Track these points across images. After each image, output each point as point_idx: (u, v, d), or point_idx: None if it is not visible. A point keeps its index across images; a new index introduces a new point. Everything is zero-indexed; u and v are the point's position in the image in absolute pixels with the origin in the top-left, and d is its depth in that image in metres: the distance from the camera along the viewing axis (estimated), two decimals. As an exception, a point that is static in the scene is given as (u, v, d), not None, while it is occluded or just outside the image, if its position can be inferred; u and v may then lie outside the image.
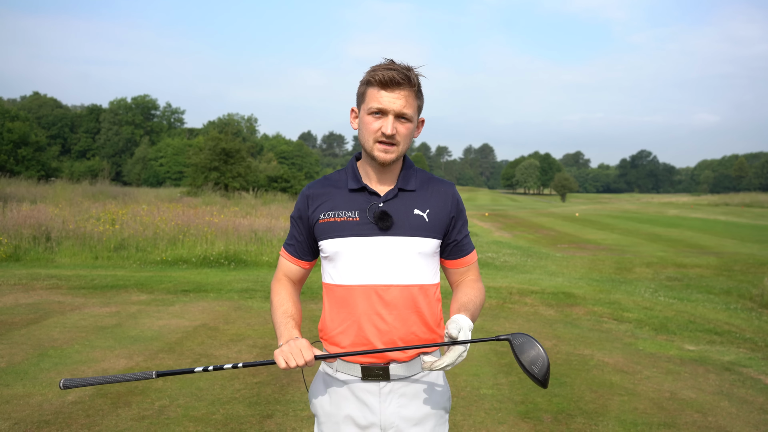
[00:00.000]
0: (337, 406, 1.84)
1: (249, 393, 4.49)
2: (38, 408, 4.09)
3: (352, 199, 1.83)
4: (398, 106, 1.73)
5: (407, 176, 1.87)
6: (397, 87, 1.73)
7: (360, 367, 1.81)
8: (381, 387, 1.81)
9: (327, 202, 1.85)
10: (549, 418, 4.19)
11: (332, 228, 1.82)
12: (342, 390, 1.84)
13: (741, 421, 4.25)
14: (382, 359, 1.80)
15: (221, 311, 7.32)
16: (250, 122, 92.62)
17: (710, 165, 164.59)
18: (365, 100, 1.78)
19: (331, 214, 1.82)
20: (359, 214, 1.80)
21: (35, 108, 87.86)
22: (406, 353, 1.81)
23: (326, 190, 1.88)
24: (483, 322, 7.09)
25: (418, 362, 1.84)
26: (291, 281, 1.99)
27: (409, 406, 1.82)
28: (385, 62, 1.78)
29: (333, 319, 1.85)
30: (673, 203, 57.25)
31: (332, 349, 1.85)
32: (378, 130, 1.76)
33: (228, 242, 12.68)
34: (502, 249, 16.74)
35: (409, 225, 1.80)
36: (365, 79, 1.78)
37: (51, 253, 11.64)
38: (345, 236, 1.80)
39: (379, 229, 1.78)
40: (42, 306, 7.32)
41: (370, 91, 1.76)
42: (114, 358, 5.28)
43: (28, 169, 44.84)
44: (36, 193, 22.23)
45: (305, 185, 1.98)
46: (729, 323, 7.74)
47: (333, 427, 1.85)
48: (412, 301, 1.81)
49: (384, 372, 1.80)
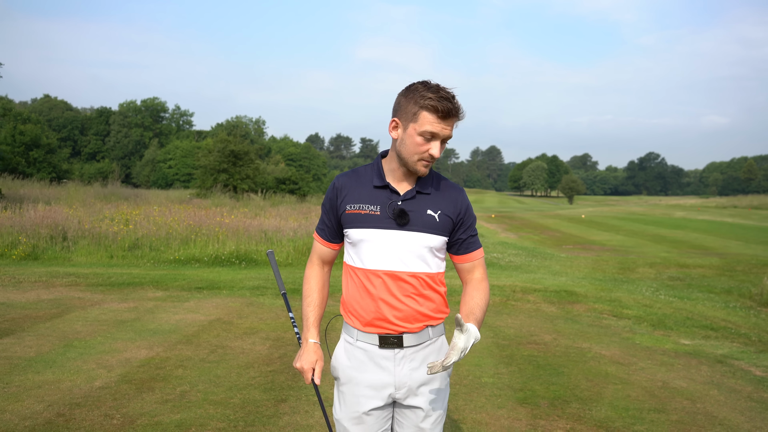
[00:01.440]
0: (357, 369, 2.15)
1: (264, 380, 4.78)
2: (68, 392, 4.40)
3: (376, 194, 2.11)
4: (447, 132, 2.01)
5: (425, 180, 2.15)
6: (451, 118, 1.99)
7: (378, 337, 2.12)
8: (395, 353, 2.12)
9: (353, 195, 2.13)
10: (545, 403, 4.46)
11: (357, 219, 2.11)
12: (361, 356, 2.15)
13: (728, 407, 4.50)
14: (396, 330, 2.10)
15: (234, 307, 7.62)
16: (258, 124, 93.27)
17: (719, 167, 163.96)
18: (418, 121, 1.97)
19: (356, 206, 2.11)
20: (380, 209, 2.09)
21: (46, 110, 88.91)
22: (417, 326, 2.11)
23: (353, 183, 2.16)
24: (486, 318, 7.34)
25: (426, 333, 2.14)
26: (323, 262, 2.32)
27: (419, 369, 2.13)
28: (433, 87, 1.99)
29: (354, 297, 2.15)
30: (681, 205, 57.22)
31: (352, 321, 2.17)
32: (426, 152, 2.01)
33: (239, 242, 13.00)
34: (508, 249, 16.98)
35: (423, 223, 2.08)
36: (421, 103, 1.95)
37: (68, 252, 12.00)
38: (368, 227, 2.09)
39: (397, 224, 2.07)
40: (63, 301, 7.65)
41: (426, 115, 1.95)
42: (135, 348, 5.59)
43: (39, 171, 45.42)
44: (49, 195, 22.65)
45: (335, 176, 2.28)
46: (726, 320, 7.97)
47: (353, 389, 2.15)
48: (422, 285, 2.11)
49: (398, 341, 2.11)
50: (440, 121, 1.96)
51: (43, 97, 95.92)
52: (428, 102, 1.94)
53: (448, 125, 1.99)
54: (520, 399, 4.52)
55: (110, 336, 6.01)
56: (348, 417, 2.15)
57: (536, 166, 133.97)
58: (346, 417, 2.16)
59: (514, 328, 6.88)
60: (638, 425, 4.09)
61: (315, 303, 2.26)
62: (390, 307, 2.08)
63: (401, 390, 2.13)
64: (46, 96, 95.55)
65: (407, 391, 2.13)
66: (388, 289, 2.08)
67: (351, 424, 2.14)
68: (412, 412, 2.15)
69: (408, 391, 2.12)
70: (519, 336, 6.52)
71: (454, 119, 2.00)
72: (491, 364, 5.39)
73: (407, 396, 2.13)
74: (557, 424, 4.09)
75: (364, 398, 2.13)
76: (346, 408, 2.16)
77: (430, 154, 2.01)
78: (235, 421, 3.96)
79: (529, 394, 4.64)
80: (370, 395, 2.13)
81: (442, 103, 1.94)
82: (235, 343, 5.87)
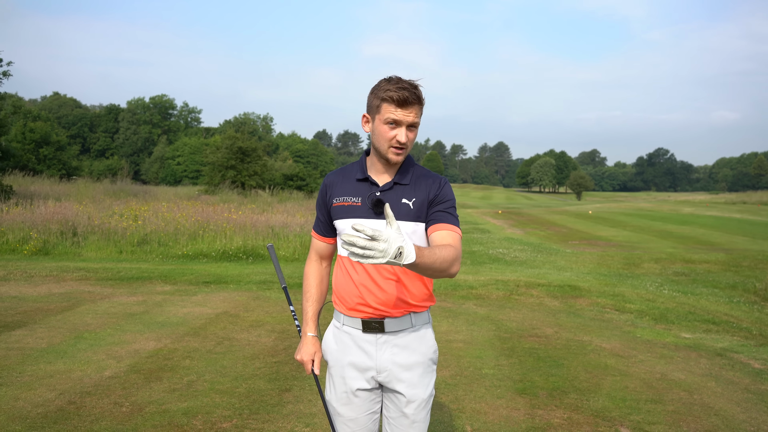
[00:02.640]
0: (343, 352, 2.28)
1: (269, 371, 4.90)
2: (79, 381, 4.53)
3: (358, 187, 2.24)
4: (410, 119, 2.13)
5: (405, 172, 2.25)
6: (410, 105, 2.12)
7: (361, 321, 2.23)
8: (377, 338, 2.23)
9: (339, 189, 2.27)
10: (544, 394, 4.54)
11: (342, 210, 2.24)
12: (347, 340, 2.27)
13: (725, 399, 4.57)
14: (378, 314, 2.20)
15: (241, 300, 7.75)
16: (265, 121, 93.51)
17: (729, 163, 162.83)
18: (380, 112, 2.13)
19: (341, 199, 2.25)
20: (361, 200, 2.22)
21: (55, 108, 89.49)
22: (398, 311, 2.20)
23: (339, 179, 2.31)
24: (489, 311, 7.44)
25: (407, 319, 2.24)
26: (320, 258, 2.46)
27: (401, 354, 2.23)
28: (394, 79, 2.14)
29: (340, 284, 2.28)
30: (689, 201, 56.93)
31: (339, 306, 2.30)
32: (393, 138, 2.14)
33: (246, 237, 13.14)
34: (513, 245, 17.03)
35: (397, 211, 2.18)
36: (381, 96, 2.11)
37: (78, 248, 12.18)
38: (350, 217, 2.21)
39: (374, 213, 2.18)
40: (74, 295, 7.80)
41: (386, 106, 2.11)
42: (144, 340, 5.72)
43: (49, 168, 45.82)
44: (59, 191, 22.90)
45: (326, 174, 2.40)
46: (728, 314, 8.01)
47: (339, 371, 2.28)
48: (401, 270, 2.20)
49: (380, 325, 2.21)
50: (399, 109, 2.10)
51: (52, 94, 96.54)
52: (387, 93, 2.10)
53: (408, 112, 2.12)
54: (519, 390, 4.61)
55: (119, 328, 6.14)
56: (337, 398, 2.28)
57: (544, 162, 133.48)
58: (335, 398, 2.29)
59: (517, 322, 6.96)
60: (634, 415, 4.17)
61: (313, 298, 2.43)
62: (369, 293, 2.19)
63: (382, 374, 2.22)
64: (55, 93, 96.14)
65: (388, 375, 2.22)
66: (369, 275, 2.19)
67: (340, 404, 2.27)
68: (395, 397, 2.25)
69: (389, 375, 2.21)
70: (521, 329, 6.60)
71: (414, 106, 2.12)
72: (492, 356, 5.48)
73: (389, 380, 2.22)
74: (555, 413, 4.17)
75: (350, 379, 2.25)
76: (334, 389, 2.30)
77: (397, 140, 2.13)
78: (240, 410, 4.08)
79: (528, 384, 4.73)
80: (354, 376, 2.24)
81: (398, 93, 2.08)
82: (241, 335, 5.99)
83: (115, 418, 3.88)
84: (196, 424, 3.84)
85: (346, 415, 2.26)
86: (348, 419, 2.26)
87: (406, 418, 2.23)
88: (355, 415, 2.25)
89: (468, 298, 8.34)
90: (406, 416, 2.23)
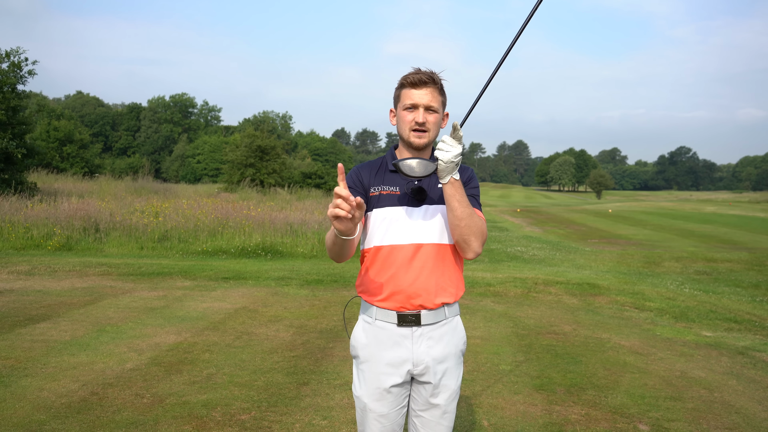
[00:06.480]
0: (377, 347, 2.25)
1: (287, 365, 4.94)
2: (101, 373, 4.61)
3: (392, 177, 2.28)
4: (426, 100, 2.19)
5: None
6: (424, 86, 2.19)
7: (396, 315, 2.21)
8: (413, 331, 2.22)
9: (374, 179, 2.29)
10: (562, 390, 4.53)
11: (380, 199, 2.26)
12: (380, 335, 2.24)
13: (746, 397, 4.51)
14: (414, 308, 2.20)
15: (260, 296, 7.81)
16: (284, 119, 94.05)
17: (753, 161, 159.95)
18: (401, 100, 2.24)
19: (378, 188, 2.27)
20: (399, 189, 2.25)
21: (78, 107, 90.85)
22: (434, 302, 2.21)
23: (372, 170, 2.33)
24: (507, 308, 7.42)
25: (443, 310, 2.24)
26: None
27: (436, 347, 2.23)
28: (413, 70, 2.25)
29: (373, 274, 2.24)
30: (712, 200, 56.10)
31: (371, 299, 2.26)
32: (412, 121, 2.21)
33: (264, 234, 13.24)
34: (532, 243, 16.94)
35: (438, 196, 2.24)
36: (399, 84, 2.26)
37: (100, 243, 12.37)
38: (391, 206, 2.23)
39: (417, 201, 2.22)
40: (96, 290, 7.93)
41: (404, 92, 2.22)
42: (164, 334, 5.80)
43: (72, 166, 46.44)
44: (82, 189, 23.24)
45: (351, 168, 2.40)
46: (751, 313, 7.89)
47: (373, 366, 2.25)
48: (441, 256, 2.22)
49: (416, 318, 2.21)
50: (414, 90, 2.19)
51: (75, 93, 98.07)
52: (403, 80, 2.22)
53: (424, 93, 2.18)
54: (537, 386, 4.60)
55: (140, 322, 6.24)
56: (368, 394, 2.25)
57: (564, 160, 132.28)
58: (366, 394, 2.25)
59: (534, 319, 6.93)
60: (653, 412, 4.14)
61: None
62: (407, 278, 2.18)
63: (419, 367, 2.22)
64: (78, 92, 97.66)
65: (424, 368, 2.22)
66: (408, 261, 2.18)
67: (371, 400, 2.24)
68: (424, 388, 2.24)
69: (425, 368, 2.22)
70: (539, 326, 6.57)
71: (428, 86, 2.19)
72: (510, 353, 5.47)
73: (425, 372, 2.22)
74: (572, 409, 4.16)
75: (384, 375, 2.22)
76: (366, 385, 2.26)
77: (415, 121, 2.19)
78: (258, 402, 4.12)
79: (545, 381, 4.72)
80: (389, 372, 2.22)
81: (411, 77, 2.19)
82: (259, 330, 6.04)
83: (136, 409, 3.95)
84: (215, 415, 3.89)
85: (378, 410, 2.24)
86: (379, 414, 2.24)
87: (438, 408, 2.24)
88: (387, 411, 2.24)
89: (485, 295, 8.33)
90: (438, 407, 2.24)
